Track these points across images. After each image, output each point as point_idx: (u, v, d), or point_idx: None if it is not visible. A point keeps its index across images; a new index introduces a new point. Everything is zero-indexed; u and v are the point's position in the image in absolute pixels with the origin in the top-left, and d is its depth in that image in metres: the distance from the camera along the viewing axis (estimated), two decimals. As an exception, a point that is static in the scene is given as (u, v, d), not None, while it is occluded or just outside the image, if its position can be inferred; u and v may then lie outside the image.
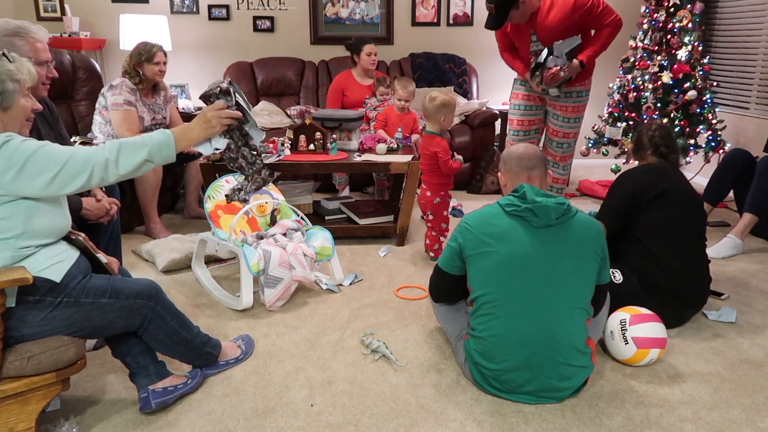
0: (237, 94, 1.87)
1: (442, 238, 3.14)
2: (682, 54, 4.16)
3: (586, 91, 3.32)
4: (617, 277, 2.37)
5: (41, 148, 1.54)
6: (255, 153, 1.99)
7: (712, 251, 3.21)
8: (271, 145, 3.37)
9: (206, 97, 1.86)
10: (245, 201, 2.22)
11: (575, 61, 3.07)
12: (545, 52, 3.07)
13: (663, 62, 4.20)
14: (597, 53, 3.13)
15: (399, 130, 3.76)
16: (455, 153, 3.03)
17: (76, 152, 1.58)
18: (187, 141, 1.77)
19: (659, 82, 4.19)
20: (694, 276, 2.36)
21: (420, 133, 3.76)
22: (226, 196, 2.25)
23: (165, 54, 3.45)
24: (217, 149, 1.88)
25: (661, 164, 2.46)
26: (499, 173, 2.12)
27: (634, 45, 4.42)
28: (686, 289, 2.34)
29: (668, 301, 2.33)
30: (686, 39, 4.19)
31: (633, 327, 2.09)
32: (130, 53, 3.40)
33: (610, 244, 2.54)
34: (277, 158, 3.25)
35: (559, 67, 3.03)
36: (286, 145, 3.38)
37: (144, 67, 3.38)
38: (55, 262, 1.62)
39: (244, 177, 2.05)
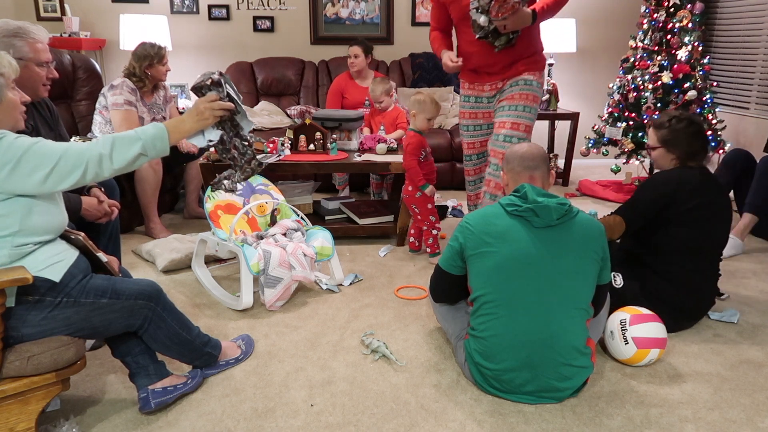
0: (228, 85, 1.87)
1: (434, 231, 3.14)
2: (682, 54, 4.16)
3: (536, 81, 2.88)
4: (617, 281, 2.34)
5: (35, 145, 1.53)
6: (246, 143, 1.98)
7: None
8: (271, 145, 3.37)
9: (198, 89, 1.85)
10: (232, 191, 2.21)
11: (527, 9, 2.63)
12: None
13: (663, 62, 4.20)
14: (548, 10, 2.71)
15: (382, 127, 3.77)
16: (435, 200, 3.05)
17: (70, 148, 1.57)
18: (180, 133, 1.76)
19: (659, 82, 4.19)
20: (700, 290, 2.33)
21: (405, 129, 3.76)
22: (212, 183, 2.24)
23: None
24: (210, 141, 1.88)
25: (696, 173, 2.30)
26: (500, 172, 2.12)
27: (634, 45, 4.42)
28: (689, 301, 2.32)
29: (669, 310, 2.30)
30: (686, 39, 4.19)
31: (633, 327, 2.09)
32: (136, 56, 3.37)
33: (614, 246, 2.50)
34: (277, 158, 3.25)
35: None
36: (286, 145, 3.38)
37: (154, 69, 3.38)
38: (55, 262, 1.62)
39: (232, 165, 2.04)
